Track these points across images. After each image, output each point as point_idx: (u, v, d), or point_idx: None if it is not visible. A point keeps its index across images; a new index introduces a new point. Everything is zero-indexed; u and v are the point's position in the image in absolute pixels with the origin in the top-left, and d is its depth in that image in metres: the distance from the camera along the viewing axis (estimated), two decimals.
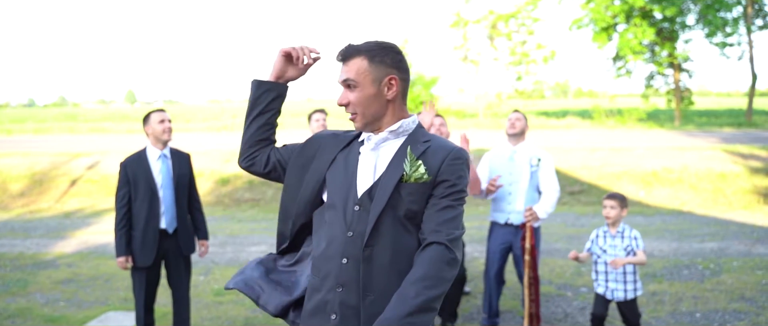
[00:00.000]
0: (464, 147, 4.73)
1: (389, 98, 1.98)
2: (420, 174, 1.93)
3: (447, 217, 1.92)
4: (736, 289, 5.79)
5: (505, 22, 30.55)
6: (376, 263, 1.94)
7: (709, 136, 19.38)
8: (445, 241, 1.89)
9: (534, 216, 4.57)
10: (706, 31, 27.54)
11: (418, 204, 1.95)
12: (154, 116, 4.17)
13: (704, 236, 8.22)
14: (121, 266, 4.08)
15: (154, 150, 4.18)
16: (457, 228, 1.94)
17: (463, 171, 1.99)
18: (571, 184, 11.94)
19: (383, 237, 1.94)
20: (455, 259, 1.89)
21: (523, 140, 4.90)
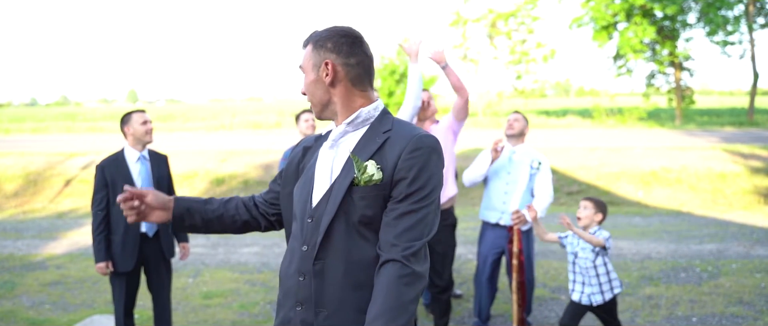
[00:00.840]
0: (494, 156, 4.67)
1: (327, 83, 1.83)
2: (368, 176, 1.74)
3: (405, 226, 1.71)
4: (734, 293, 5.67)
5: (504, 21, 30.42)
6: (328, 277, 1.79)
7: (710, 136, 19.24)
8: (400, 258, 1.68)
9: (522, 220, 4.46)
10: (707, 30, 27.38)
11: (373, 209, 1.75)
12: (136, 117, 4.05)
13: (703, 237, 8.10)
14: (101, 272, 3.97)
15: (132, 151, 4.07)
16: (419, 236, 1.72)
17: (425, 164, 1.73)
18: (569, 184, 11.82)
19: (335, 249, 1.78)
20: (415, 274, 1.69)
21: (523, 142, 4.84)
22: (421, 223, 1.73)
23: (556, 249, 7.57)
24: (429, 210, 1.75)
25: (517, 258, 4.49)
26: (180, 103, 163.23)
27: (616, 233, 8.49)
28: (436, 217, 1.78)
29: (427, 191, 1.74)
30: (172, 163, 13.88)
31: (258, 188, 12.20)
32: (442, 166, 1.79)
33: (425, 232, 1.74)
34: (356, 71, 1.84)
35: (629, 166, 12.50)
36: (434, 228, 1.77)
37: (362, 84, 1.86)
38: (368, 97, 1.88)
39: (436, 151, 1.77)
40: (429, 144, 1.76)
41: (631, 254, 7.24)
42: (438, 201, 1.79)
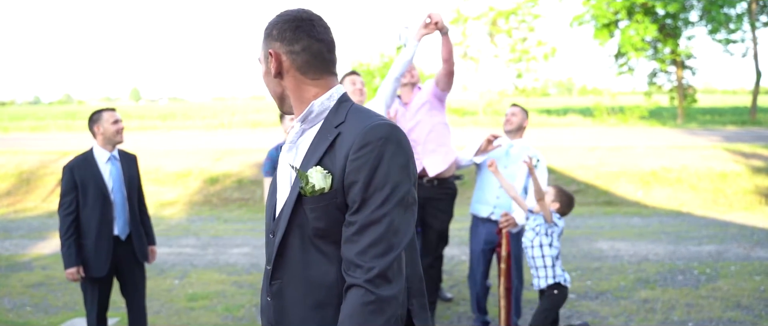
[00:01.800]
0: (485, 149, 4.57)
1: (274, 75, 1.67)
2: (310, 187, 1.53)
3: (367, 242, 1.46)
4: (732, 296, 5.51)
5: (505, 19, 30.23)
6: (288, 298, 1.62)
7: (712, 135, 19.05)
8: (363, 283, 1.45)
9: (511, 223, 4.31)
10: (709, 28, 27.17)
11: (325, 221, 1.54)
12: (106, 115, 3.88)
13: (702, 238, 7.93)
14: (72, 278, 3.79)
15: (102, 151, 3.91)
16: (386, 251, 1.45)
17: (378, 161, 1.47)
18: (567, 184, 11.65)
19: (292, 267, 1.60)
20: (381, 300, 1.44)
21: (521, 136, 4.70)
22: (387, 234, 1.47)
23: None
24: (393, 215, 1.48)
25: (505, 262, 4.35)
26: (183, 101, 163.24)
27: (614, 234, 8.33)
28: (406, 219, 1.51)
29: (386, 193, 1.48)
30: (169, 162, 13.84)
31: (252, 187, 12.06)
32: (405, 155, 1.52)
33: (394, 244, 1.48)
34: (303, 58, 1.63)
35: (629, 166, 12.33)
36: (407, 234, 1.51)
37: (314, 72, 1.64)
38: (324, 85, 1.66)
39: (390, 141, 1.50)
40: (380, 135, 1.50)
41: (628, 256, 7.08)
42: (409, 197, 1.52)
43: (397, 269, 1.49)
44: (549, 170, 12.21)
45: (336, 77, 1.72)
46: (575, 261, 6.90)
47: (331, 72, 1.69)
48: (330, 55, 1.68)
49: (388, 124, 1.54)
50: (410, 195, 1.53)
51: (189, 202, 11.68)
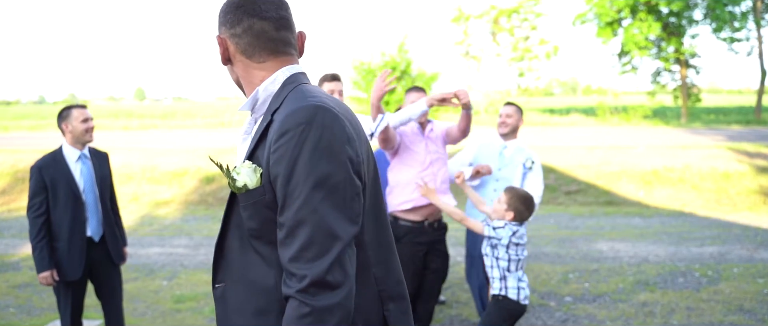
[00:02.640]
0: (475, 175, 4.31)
1: (222, 61, 1.56)
2: (237, 183, 1.39)
3: (297, 246, 1.29)
4: (734, 299, 5.34)
5: (507, 17, 30.03)
6: (230, 303, 1.49)
7: (715, 134, 18.83)
8: (295, 294, 1.29)
9: None
10: (714, 26, 26.92)
11: (257, 220, 1.40)
12: (76, 113, 3.71)
13: (704, 239, 7.75)
14: (46, 282, 3.64)
15: (72, 150, 3.75)
16: (320, 254, 1.28)
17: (300, 149, 1.30)
18: (568, 184, 11.48)
19: (232, 270, 1.48)
20: (318, 311, 1.28)
21: (515, 137, 4.52)
22: (317, 236, 1.29)
23: (548, 251, 7.25)
24: (322, 212, 1.29)
25: None
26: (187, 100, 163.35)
27: (614, 234, 8.16)
28: (342, 214, 1.31)
29: (309, 186, 1.29)
30: (166, 161, 13.70)
31: None
32: (334, 138, 1.32)
33: (329, 246, 1.30)
34: (246, 40, 1.50)
35: (630, 165, 12.14)
36: (345, 231, 1.31)
37: (259, 54, 1.51)
38: (270, 68, 1.52)
39: (313, 125, 1.31)
40: (300, 119, 1.32)
41: (628, 257, 6.91)
42: (344, 187, 1.32)
43: (340, 272, 1.31)
44: (549, 170, 12.04)
45: (291, 57, 1.57)
46: (573, 262, 6.74)
47: (281, 52, 1.53)
48: (278, 33, 1.52)
49: (312, 106, 1.35)
50: (347, 185, 1.33)
51: (184, 201, 11.55)
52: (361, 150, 1.42)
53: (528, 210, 3.48)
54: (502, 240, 3.40)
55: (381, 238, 1.54)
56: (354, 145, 1.38)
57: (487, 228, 3.44)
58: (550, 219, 9.47)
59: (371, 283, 1.49)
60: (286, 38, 1.53)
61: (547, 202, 10.76)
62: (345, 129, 1.37)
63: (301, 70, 1.57)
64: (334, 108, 1.38)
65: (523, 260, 3.50)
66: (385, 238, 1.56)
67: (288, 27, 1.54)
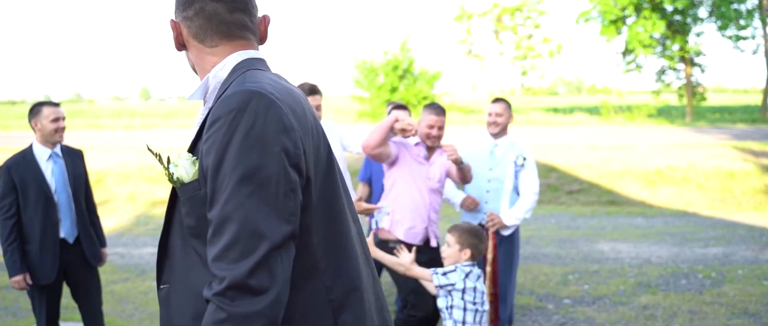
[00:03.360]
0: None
1: (176, 47, 1.47)
2: (170, 176, 1.29)
3: (222, 245, 1.17)
4: (738, 302, 5.17)
5: (510, 15, 29.84)
6: (173, 305, 1.38)
7: (720, 133, 18.62)
8: (212, 297, 1.17)
9: (498, 223, 4.00)
10: (719, 24, 26.66)
11: (194, 217, 1.30)
12: (46, 111, 3.54)
13: (708, 240, 7.58)
14: (19, 286, 3.50)
15: (43, 149, 3.59)
16: (240, 257, 1.15)
17: (229, 138, 1.18)
18: (570, 183, 11.31)
19: (175, 270, 1.37)
20: (237, 318, 1.16)
21: (506, 133, 4.31)
22: (242, 234, 1.16)
23: (548, 252, 7.09)
24: (248, 209, 1.17)
25: (491, 265, 4.04)
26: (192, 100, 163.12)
27: (616, 235, 7.99)
28: (272, 212, 1.18)
29: (235, 179, 1.17)
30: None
31: None
32: (268, 127, 1.20)
33: (253, 246, 1.16)
34: (197, 23, 1.40)
35: (634, 164, 11.96)
36: (275, 231, 1.18)
37: (211, 38, 1.40)
38: (222, 53, 1.41)
39: (246, 112, 1.20)
40: (232, 105, 1.21)
41: (630, 258, 6.74)
42: (277, 181, 1.19)
43: (266, 277, 1.17)
44: (551, 169, 11.87)
45: (247, 41, 1.45)
46: (573, 263, 6.57)
47: (235, 36, 1.42)
48: (232, 15, 1.40)
49: (246, 90, 1.23)
50: (280, 179, 1.20)
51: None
52: (305, 141, 1.29)
53: (482, 241, 3.14)
54: (455, 284, 3.00)
55: (335, 241, 1.40)
56: (292, 135, 1.25)
57: (436, 277, 3.04)
58: (551, 219, 9.30)
59: (320, 291, 1.34)
60: (241, 21, 1.42)
61: (548, 202, 10.59)
62: (282, 117, 1.23)
63: (256, 56, 1.45)
64: (272, 93, 1.25)
65: (483, 313, 3.07)
66: (341, 242, 1.41)
67: (244, 9, 1.43)
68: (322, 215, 1.35)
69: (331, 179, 1.40)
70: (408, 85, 27.23)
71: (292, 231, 1.23)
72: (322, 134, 1.42)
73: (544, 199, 10.68)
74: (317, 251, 1.34)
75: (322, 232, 1.35)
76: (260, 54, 1.47)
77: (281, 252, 1.20)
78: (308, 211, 1.31)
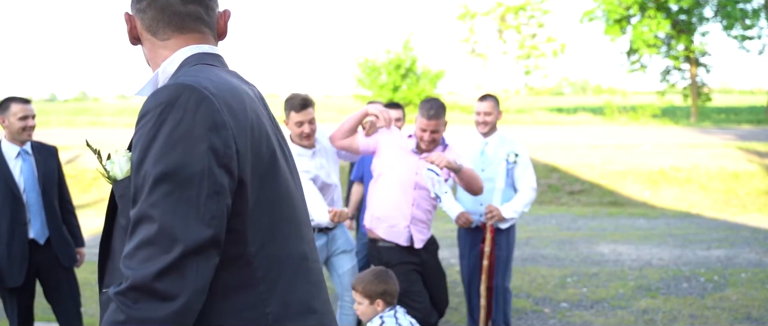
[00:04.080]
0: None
1: (131, 41, 1.41)
2: (105, 174, 1.22)
3: (135, 243, 1.09)
4: (741, 307, 5.01)
5: (514, 14, 29.65)
6: None
7: (725, 133, 18.41)
8: (113, 295, 1.10)
9: (496, 216, 3.85)
10: (724, 24, 26.40)
11: (126, 216, 1.21)
12: (15, 108, 3.39)
13: (711, 242, 7.42)
14: None
15: (11, 146, 3.45)
16: (149, 258, 1.07)
17: (154, 134, 1.12)
18: (571, 183, 11.16)
19: (117, 274, 1.25)
20: (136, 322, 1.07)
21: (495, 130, 4.15)
22: (154, 234, 1.08)
23: (547, 254, 6.94)
24: (164, 208, 1.09)
25: (488, 259, 3.89)
26: None
27: (617, 236, 7.84)
28: (192, 214, 1.09)
29: (154, 176, 1.10)
30: None
31: None
32: (196, 124, 1.12)
33: (162, 248, 1.07)
34: (150, 15, 1.34)
35: (636, 164, 11.79)
36: (190, 234, 1.09)
37: (163, 30, 1.34)
38: (173, 46, 1.35)
39: (175, 106, 1.13)
40: (161, 99, 1.14)
41: (630, 260, 6.59)
42: (200, 182, 1.10)
43: (176, 283, 1.08)
44: (552, 168, 11.72)
45: (201, 35, 1.37)
46: (573, 265, 6.43)
47: (188, 28, 1.35)
48: (185, 6, 1.34)
49: (178, 84, 1.16)
50: (204, 180, 1.11)
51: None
52: (239, 141, 1.19)
53: (388, 282, 2.89)
54: None
55: (281, 252, 1.28)
56: (223, 133, 1.15)
57: (387, 317, 2.81)
58: (551, 219, 9.15)
59: (256, 306, 1.23)
60: (196, 13, 1.35)
61: (549, 202, 10.44)
62: (213, 114, 1.15)
63: (210, 50, 1.37)
64: (206, 88, 1.17)
65: None
66: (289, 252, 1.30)
67: (199, 1, 1.36)
68: (262, 222, 1.25)
69: (273, 183, 1.28)
70: (411, 84, 27.07)
71: (214, 237, 1.13)
72: (267, 135, 1.30)
73: (545, 200, 10.53)
74: (254, 260, 1.23)
75: (261, 240, 1.24)
76: (215, 49, 1.39)
77: (197, 259, 1.10)
78: (242, 216, 1.21)
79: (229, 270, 1.19)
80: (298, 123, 3.46)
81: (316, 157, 3.61)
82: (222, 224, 1.14)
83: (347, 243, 3.76)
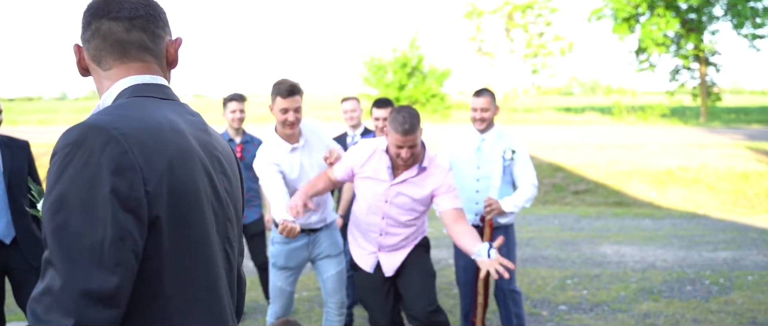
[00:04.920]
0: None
1: (81, 72, 1.38)
2: (35, 211, 1.30)
3: (38, 291, 1.06)
4: (746, 311, 4.83)
5: (521, 13, 29.44)
6: None
7: (734, 133, 18.15)
8: (30, 302, 1.06)
9: (496, 209, 3.67)
10: (734, 22, 26.08)
11: None
12: None
13: (718, 244, 7.22)
14: None
15: None
16: (49, 308, 1.03)
17: (59, 174, 1.09)
18: (576, 183, 10.97)
19: None
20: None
21: (493, 126, 3.95)
22: (58, 282, 1.04)
23: (548, 254, 6.77)
24: (66, 254, 1.05)
25: None
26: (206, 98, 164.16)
27: (621, 237, 7.65)
28: (92, 259, 1.05)
29: (58, 222, 1.07)
30: None
31: None
32: (103, 170, 1.09)
33: (64, 297, 1.03)
34: (94, 44, 1.31)
35: (643, 164, 11.60)
36: (95, 279, 1.05)
37: (106, 60, 1.31)
38: (115, 76, 1.32)
39: (80, 149, 1.09)
40: (68, 140, 1.11)
41: (633, 262, 6.41)
42: (104, 230, 1.06)
43: (69, 307, 1.04)
44: (557, 168, 11.54)
45: (145, 65, 1.33)
46: (573, 267, 6.26)
47: (132, 58, 1.31)
48: (129, 34, 1.29)
49: (84, 125, 1.13)
50: (109, 226, 1.07)
51: None
52: (151, 181, 1.13)
53: None
54: None
55: (195, 292, 1.24)
56: (129, 176, 1.11)
57: None
58: (554, 219, 8.98)
59: None
60: (139, 41, 1.31)
61: (552, 202, 10.27)
62: (120, 157, 1.11)
63: (152, 81, 1.31)
64: (116, 129, 1.13)
65: None
66: (204, 293, 1.26)
67: (144, 28, 1.32)
68: (180, 263, 1.20)
69: (195, 222, 1.23)
70: (417, 82, 26.93)
71: (118, 284, 1.07)
72: (192, 174, 1.23)
73: (549, 199, 10.35)
74: (170, 302, 1.19)
75: (179, 282, 1.20)
76: (157, 79, 1.34)
77: (99, 307, 1.05)
78: (158, 257, 1.16)
79: (145, 314, 1.16)
80: (283, 110, 3.26)
81: (295, 153, 3.41)
82: (127, 271, 1.09)
83: (332, 247, 3.56)
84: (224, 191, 1.34)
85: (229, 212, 1.35)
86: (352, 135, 4.88)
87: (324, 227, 3.56)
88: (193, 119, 1.35)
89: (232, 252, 1.37)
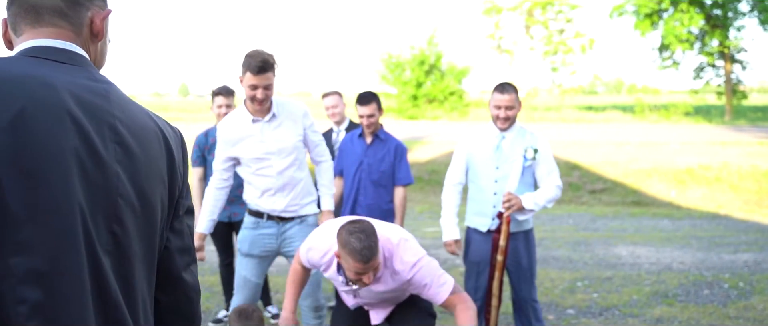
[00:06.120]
0: None
1: (6, 46, 1.33)
2: None
3: None
4: (766, 317, 4.57)
5: (541, 9, 29.05)
6: None
7: (760, 131, 17.65)
8: None
9: (516, 204, 3.42)
10: (761, 18, 25.43)
11: None
12: None
13: (739, 245, 6.92)
14: None
15: None
16: None
17: None
18: (593, 182, 10.69)
19: None
20: None
21: (514, 123, 3.66)
22: None
23: (559, 255, 6.54)
24: None
25: (502, 253, 3.50)
26: None
27: (637, 238, 7.39)
28: None
29: None
30: None
31: None
32: None
33: None
34: (12, 12, 1.27)
35: (663, 162, 11.27)
36: None
37: (20, 27, 1.25)
38: (25, 40, 1.24)
39: None
40: None
41: (648, 264, 6.15)
42: None
43: None
44: (574, 166, 11.26)
45: (59, 30, 1.24)
46: (585, 269, 6.02)
47: (43, 22, 1.24)
48: (43, 3, 1.23)
49: None
50: None
51: None
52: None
53: (250, 320, 2.75)
54: None
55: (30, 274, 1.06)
56: None
57: None
58: (568, 219, 8.72)
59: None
60: (55, 7, 1.23)
61: (568, 201, 9.99)
62: None
63: (58, 45, 1.21)
64: None
65: None
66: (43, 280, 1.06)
67: None
68: (42, 232, 1.07)
69: (47, 182, 1.08)
70: (435, 80, 26.70)
71: None
72: (54, 127, 1.10)
73: (564, 198, 10.09)
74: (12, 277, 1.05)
75: (39, 252, 1.07)
76: (68, 45, 1.23)
77: None
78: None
79: None
80: (252, 86, 3.01)
81: (257, 124, 3.14)
82: None
83: None
84: (115, 162, 1.17)
85: (123, 188, 1.17)
86: (337, 131, 4.70)
87: (297, 219, 3.30)
88: (90, 84, 1.20)
89: (124, 236, 1.17)
